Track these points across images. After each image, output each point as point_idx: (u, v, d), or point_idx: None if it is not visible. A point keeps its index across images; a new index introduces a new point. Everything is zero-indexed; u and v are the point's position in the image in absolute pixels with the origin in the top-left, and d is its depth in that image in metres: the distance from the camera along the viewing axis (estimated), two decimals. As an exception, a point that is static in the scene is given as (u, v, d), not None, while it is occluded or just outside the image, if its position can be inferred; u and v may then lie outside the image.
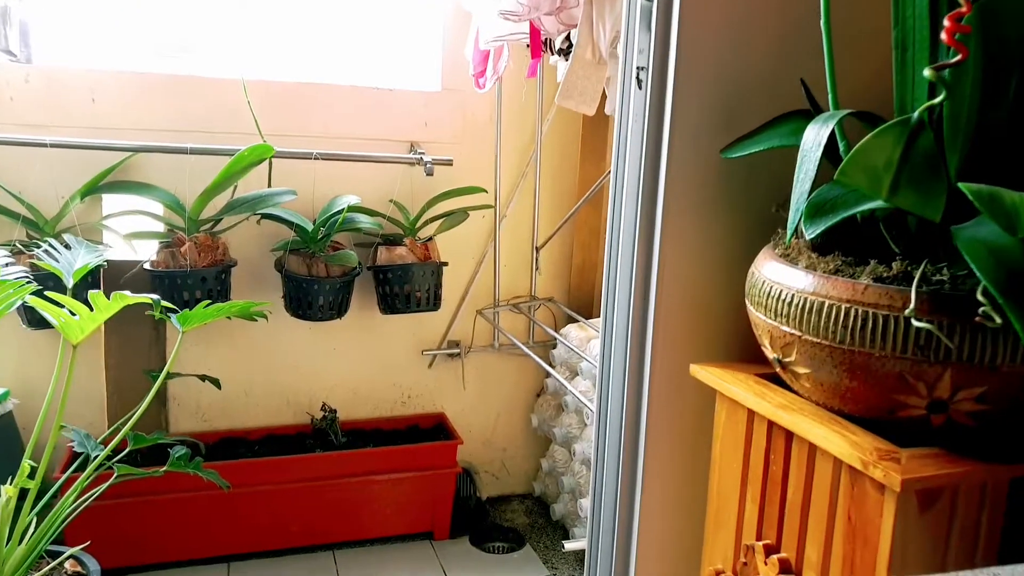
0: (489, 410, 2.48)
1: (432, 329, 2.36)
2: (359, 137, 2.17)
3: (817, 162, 0.82)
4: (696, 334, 1.09)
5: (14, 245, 1.84)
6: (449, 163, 2.16)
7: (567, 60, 1.88)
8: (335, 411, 2.22)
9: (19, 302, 1.31)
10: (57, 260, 1.65)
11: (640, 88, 1.11)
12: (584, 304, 2.44)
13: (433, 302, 2.14)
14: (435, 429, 2.35)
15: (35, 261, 1.72)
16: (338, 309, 2.05)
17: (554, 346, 2.33)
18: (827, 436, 0.79)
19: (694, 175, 1.08)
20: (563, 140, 2.37)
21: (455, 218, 2.19)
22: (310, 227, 2.00)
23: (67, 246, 1.72)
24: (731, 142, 1.03)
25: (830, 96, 0.92)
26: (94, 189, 1.92)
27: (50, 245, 1.67)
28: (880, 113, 0.91)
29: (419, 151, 2.17)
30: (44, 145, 1.83)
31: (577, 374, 2.16)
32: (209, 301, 1.69)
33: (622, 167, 1.12)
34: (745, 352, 1.09)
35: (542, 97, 2.27)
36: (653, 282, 1.06)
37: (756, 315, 0.90)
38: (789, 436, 0.87)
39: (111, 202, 2.02)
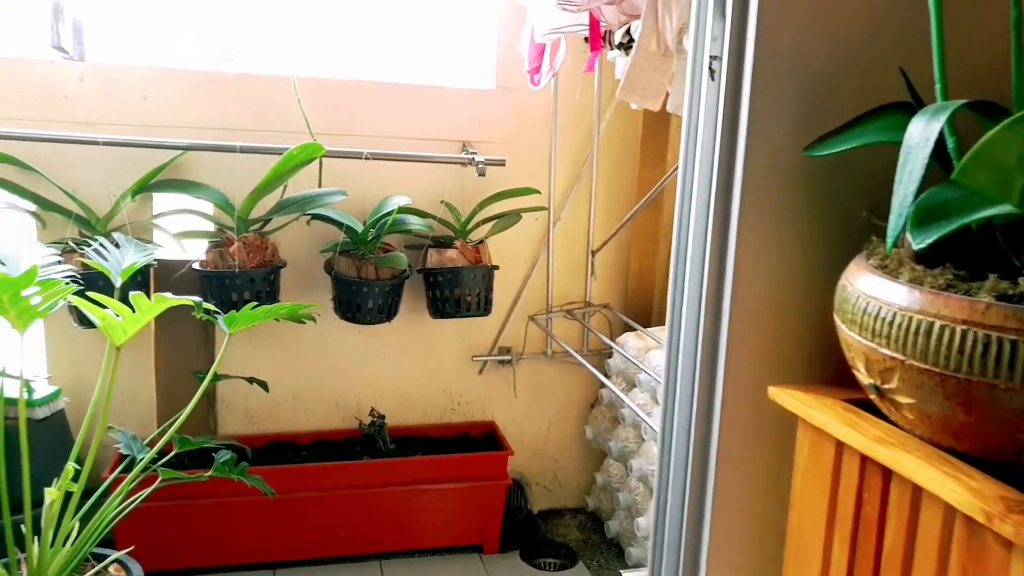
0: (541, 420, 2.39)
1: (482, 335, 2.29)
2: (410, 136, 2.11)
3: (926, 161, 0.71)
4: (774, 352, 0.98)
5: (66, 243, 1.82)
6: (502, 163, 2.08)
7: (627, 55, 1.79)
8: (383, 417, 2.17)
9: (63, 303, 1.28)
10: (106, 259, 1.63)
11: (713, 79, 1.01)
12: (642, 312, 2.33)
13: (484, 307, 2.06)
14: (485, 438, 2.28)
15: (84, 260, 1.70)
16: (387, 312, 1.99)
17: (610, 355, 2.23)
18: (938, 479, 0.68)
19: (773, 175, 0.98)
20: (621, 140, 2.27)
21: (507, 220, 2.11)
22: (360, 228, 1.94)
23: (117, 245, 1.70)
24: (817, 139, 0.93)
25: (938, 85, 0.81)
26: (145, 187, 1.89)
27: (100, 244, 1.65)
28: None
29: (471, 151, 2.10)
30: (96, 143, 1.81)
31: (635, 386, 2.05)
32: (256, 303, 1.65)
33: (691, 167, 1.02)
34: (831, 374, 0.98)
35: (599, 94, 2.17)
36: (727, 293, 0.96)
37: (848, 334, 0.80)
38: (887, 474, 0.76)
39: (162, 201, 2.00)
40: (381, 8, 2.16)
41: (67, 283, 1.24)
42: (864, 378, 0.79)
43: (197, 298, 1.40)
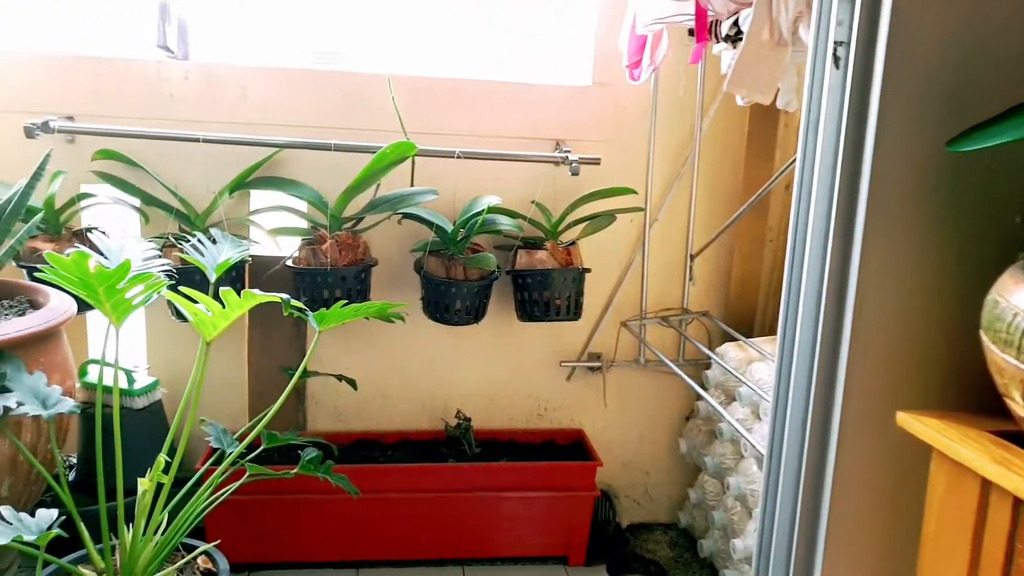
0: (632, 430, 2.30)
1: (572, 339, 2.22)
2: (503, 135, 2.06)
3: (1109, 155, 0.59)
4: (903, 373, 0.87)
5: (167, 238, 1.86)
6: (596, 162, 2.00)
7: (735, 47, 1.68)
8: (469, 419, 2.13)
9: (155, 297, 1.28)
10: (203, 254, 1.65)
11: (837, 68, 0.91)
12: (743, 321, 2.20)
13: (574, 310, 1.99)
14: (573, 447, 2.20)
15: (182, 255, 1.73)
16: (475, 314, 1.95)
17: (708, 366, 2.12)
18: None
19: (907, 174, 0.87)
20: (725, 138, 2.15)
21: (601, 221, 2.03)
22: (450, 228, 1.91)
23: (213, 240, 1.72)
24: (961, 133, 0.81)
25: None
26: (241, 185, 1.92)
27: (199, 239, 1.67)
28: None
29: (564, 149, 2.03)
30: (197, 140, 1.85)
31: (734, 399, 1.93)
32: (347, 301, 1.64)
33: (810, 164, 0.92)
34: (972, 401, 0.86)
35: (702, 90, 2.06)
36: (849, 305, 0.85)
37: (1000, 356, 0.69)
38: (1048, 523, 0.65)
39: (259, 198, 2.02)
40: (475, 5, 2.12)
41: (160, 277, 1.25)
42: (1020, 408, 0.68)
43: (285, 295, 1.39)
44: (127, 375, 1.86)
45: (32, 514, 1.79)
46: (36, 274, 1.08)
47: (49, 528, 1.16)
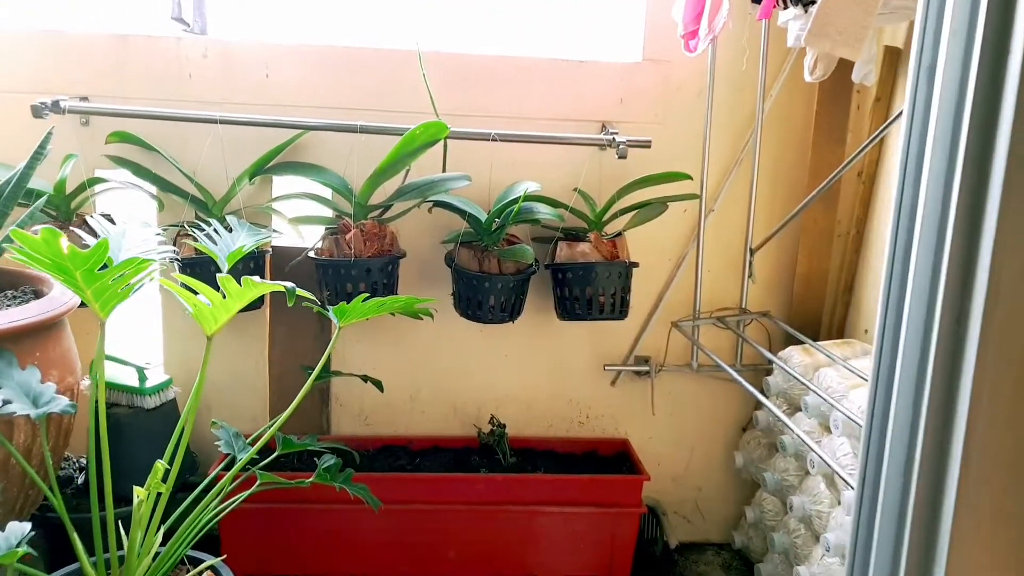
0: (682, 441, 2.10)
1: (617, 341, 2.03)
2: (543, 116, 1.89)
3: None
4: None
5: (182, 226, 1.74)
6: (647, 145, 1.81)
7: (806, 12, 1.48)
8: (504, 426, 1.96)
9: (143, 284, 1.15)
10: (216, 243, 1.52)
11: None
12: (810, 322, 1.99)
13: (619, 309, 1.80)
14: (617, 458, 2.02)
15: (191, 242, 1.61)
16: (511, 311, 1.78)
17: (769, 372, 1.91)
18: None
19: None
20: (791, 119, 1.94)
21: (651, 210, 1.84)
22: (483, 217, 1.75)
23: (229, 229, 1.59)
24: None
25: None
26: (261, 170, 1.79)
27: (214, 228, 1.55)
28: None
29: (611, 131, 1.85)
30: (214, 121, 1.72)
31: (799, 409, 1.73)
32: (368, 294, 1.49)
33: (922, 122, 0.73)
34: None
35: (765, 65, 1.86)
36: (976, 307, 0.66)
37: None
38: None
39: (281, 184, 1.89)
40: (517, -25, 1.96)
41: (141, 262, 1.11)
42: None
43: (290, 284, 1.24)
44: (139, 372, 1.74)
45: (30, 522, 1.68)
46: (5, 255, 0.96)
47: (18, 544, 1.03)
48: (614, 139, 1.79)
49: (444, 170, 1.82)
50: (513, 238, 1.83)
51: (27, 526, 1.08)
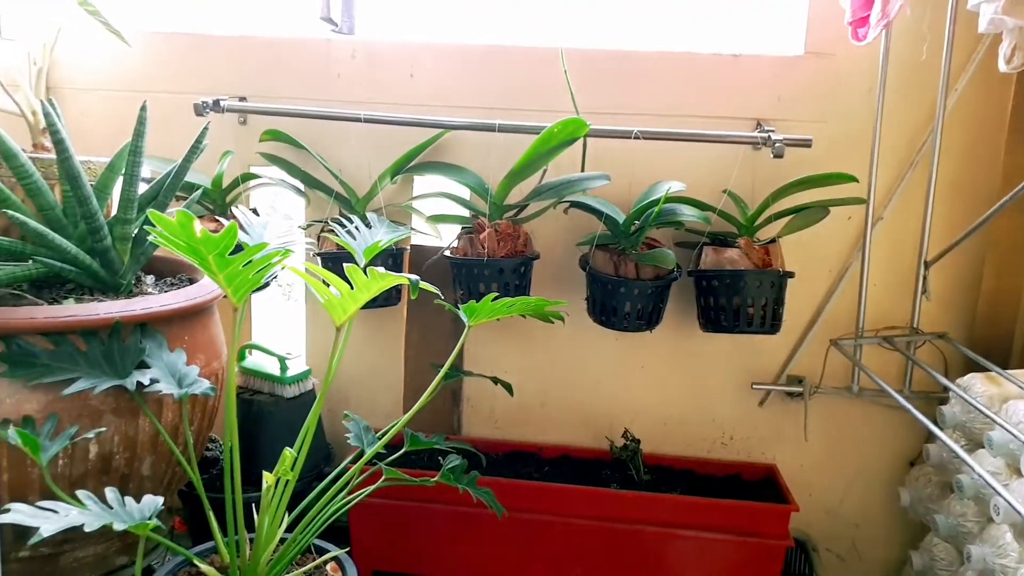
0: (838, 471, 1.90)
1: (767, 357, 1.87)
2: (690, 114, 1.78)
3: None
4: None
5: (325, 222, 1.79)
6: (807, 144, 1.66)
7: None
8: (638, 441, 1.86)
9: (275, 272, 1.17)
10: (355, 239, 1.55)
11: None
12: (997, 347, 1.74)
13: (770, 322, 1.66)
14: (762, 484, 1.85)
15: (333, 237, 1.64)
16: (648, 319, 1.68)
17: (944, 400, 1.68)
18: None
19: None
20: (980, 116, 1.72)
21: (810, 215, 1.68)
22: (622, 218, 1.66)
23: (369, 225, 1.62)
24: None
25: None
26: (403, 168, 1.80)
27: (355, 225, 1.57)
28: None
29: (767, 129, 1.71)
30: (359, 119, 1.76)
31: (981, 445, 1.50)
32: (497, 294, 1.45)
33: None
34: None
35: (950, 55, 1.65)
36: None
37: None
38: None
39: (421, 184, 1.91)
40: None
41: (279, 253, 1.13)
42: None
43: (414, 276, 1.22)
44: (280, 361, 1.80)
45: (178, 497, 1.78)
46: (148, 238, 1.01)
47: (149, 517, 1.07)
48: (769, 137, 1.66)
49: (583, 170, 1.76)
50: (653, 242, 1.74)
51: (159, 500, 1.12)
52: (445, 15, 1.95)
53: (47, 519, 0.95)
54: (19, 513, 0.93)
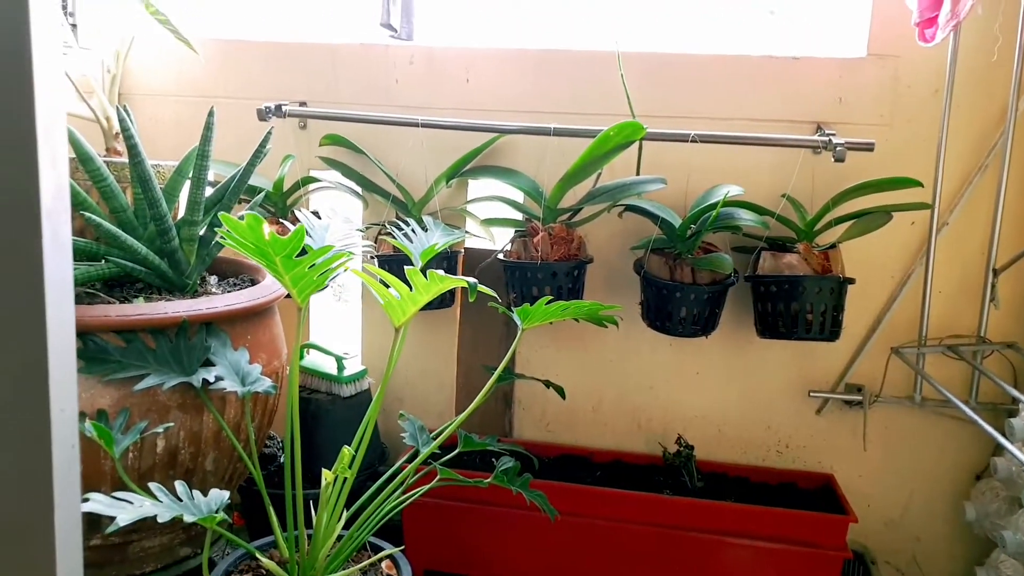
0: (899, 483, 1.85)
1: (825, 364, 1.84)
2: (749, 117, 1.76)
3: None
4: None
5: (383, 225, 1.82)
6: (869, 148, 1.62)
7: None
8: (692, 448, 1.84)
9: (338, 273, 1.20)
10: (412, 241, 1.57)
11: None
12: (1068, 356, 1.68)
13: (829, 329, 1.62)
14: (818, 494, 1.82)
15: (390, 240, 1.67)
16: (703, 324, 1.67)
17: (1013, 413, 1.63)
18: None
19: None
20: (1052, 118, 1.66)
21: (872, 220, 1.64)
22: (677, 222, 1.65)
23: (425, 228, 1.64)
24: None
25: None
26: (458, 172, 1.82)
27: (412, 228, 1.60)
28: None
29: (827, 132, 1.68)
30: (416, 124, 1.78)
31: (1051, 459, 1.45)
32: (551, 297, 1.46)
33: None
34: None
35: (1022, 56, 1.60)
36: None
37: None
38: None
39: (476, 187, 1.93)
40: (727, -31, 1.85)
41: (354, 256, 1.15)
42: None
43: (472, 279, 1.24)
44: (337, 361, 1.84)
45: (239, 493, 1.82)
46: (215, 240, 1.04)
47: (216, 511, 1.10)
48: (830, 140, 1.63)
49: (638, 173, 1.75)
50: (709, 246, 1.72)
51: (226, 494, 1.16)
52: (502, 20, 1.97)
53: (123, 509, 0.99)
54: (97, 503, 0.97)
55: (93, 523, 1.32)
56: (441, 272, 1.17)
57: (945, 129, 1.67)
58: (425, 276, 1.22)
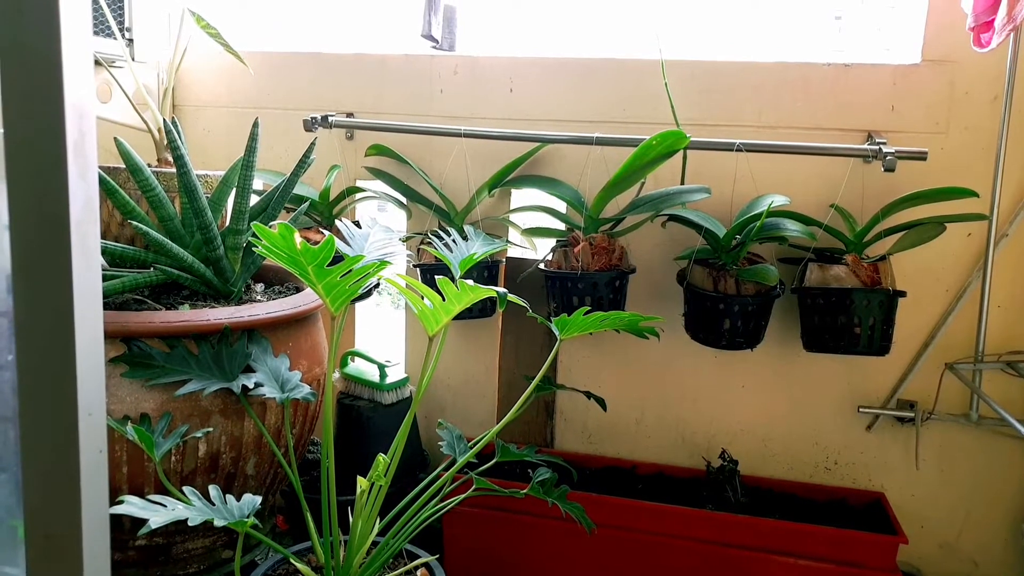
0: (954, 504, 1.78)
1: (875, 380, 1.78)
2: (796, 126, 1.73)
3: None
4: None
5: (425, 235, 1.83)
6: (922, 157, 1.57)
7: None
8: (736, 463, 1.80)
9: (371, 283, 1.21)
10: (452, 251, 1.58)
11: None
12: None
13: (879, 343, 1.57)
14: (868, 512, 1.76)
15: (431, 249, 1.68)
16: (748, 337, 1.63)
17: (1075, 432, 1.55)
18: None
19: None
20: (1121, 124, 1.58)
21: (924, 231, 1.58)
22: (722, 233, 1.62)
23: (466, 238, 1.65)
24: None
25: None
26: (500, 182, 1.83)
27: (453, 238, 1.61)
28: None
29: (878, 141, 1.63)
30: (459, 135, 1.79)
31: (1117, 484, 1.38)
32: (589, 308, 1.45)
33: None
34: None
35: (1088, 60, 1.53)
36: None
37: None
38: None
39: (518, 197, 1.93)
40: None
41: (375, 263, 1.16)
42: None
43: (503, 289, 1.24)
44: (380, 368, 1.86)
45: (281, 498, 1.85)
46: (253, 249, 1.06)
47: (248, 515, 1.12)
48: (881, 149, 1.58)
49: (682, 182, 1.73)
50: (755, 257, 1.69)
51: (258, 499, 1.17)
52: (544, 29, 1.97)
53: (156, 512, 1.01)
54: (131, 505, 1.00)
55: (137, 524, 1.36)
56: (471, 282, 1.17)
57: (1004, 137, 1.61)
58: (457, 286, 1.22)
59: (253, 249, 1.05)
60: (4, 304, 0.79)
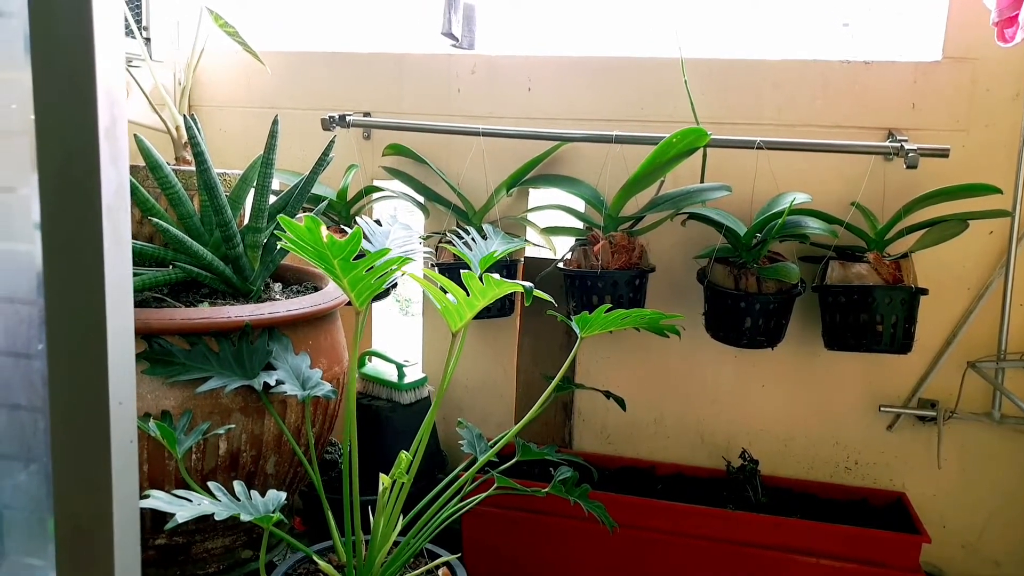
0: (976, 503, 1.76)
1: (897, 378, 1.77)
2: (818, 124, 1.72)
3: None
4: None
5: (444, 234, 1.83)
6: (944, 154, 1.56)
7: None
8: (757, 462, 1.78)
9: (395, 278, 1.20)
10: (471, 249, 1.57)
11: None
12: None
13: (901, 341, 1.56)
14: (888, 511, 1.74)
15: (450, 248, 1.67)
16: (769, 335, 1.62)
17: (1103, 430, 1.54)
18: None
19: None
20: None
21: (946, 229, 1.57)
22: (742, 231, 1.61)
23: (485, 237, 1.64)
24: None
25: None
26: (519, 181, 1.82)
27: (472, 236, 1.60)
28: None
29: (899, 138, 1.62)
30: (477, 134, 1.79)
31: None
32: (610, 306, 1.44)
33: None
34: None
35: (1113, 55, 1.52)
36: None
37: None
38: None
39: (537, 196, 1.92)
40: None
41: (398, 257, 1.16)
42: None
43: (528, 283, 1.23)
44: (398, 368, 1.85)
45: (299, 496, 1.84)
46: (277, 245, 1.06)
47: (273, 511, 1.11)
48: (902, 147, 1.57)
49: (702, 180, 1.72)
50: (776, 255, 1.68)
51: (283, 495, 1.17)
52: (564, 27, 1.96)
53: (182, 507, 1.00)
54: (157, 499, 0.99)
55: (158, 522, 1.35)
56: (496, 276, 1.16)
57: (1027, 133, 1.60)
58: (483, 281, 1.22)
59: (276, 243, 1.05)
60: (32, 294, 0.78)
